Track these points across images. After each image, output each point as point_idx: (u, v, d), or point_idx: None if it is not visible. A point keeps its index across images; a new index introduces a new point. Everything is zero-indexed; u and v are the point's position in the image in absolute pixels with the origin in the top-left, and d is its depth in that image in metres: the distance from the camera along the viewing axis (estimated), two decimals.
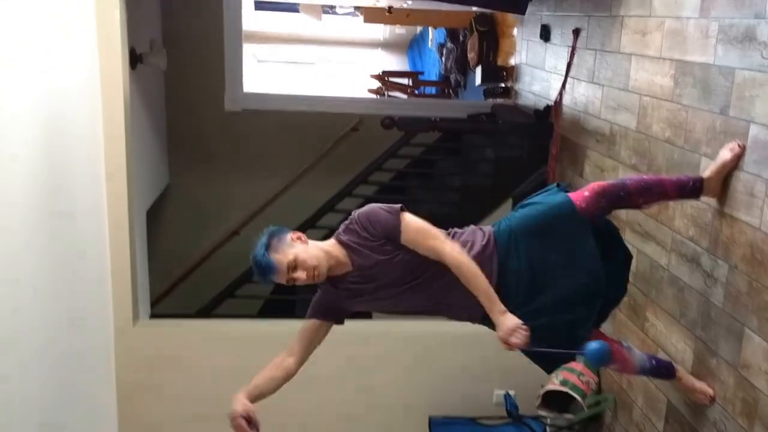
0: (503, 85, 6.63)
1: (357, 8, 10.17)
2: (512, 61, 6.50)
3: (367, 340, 4.41)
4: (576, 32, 4.64)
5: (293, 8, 10.75)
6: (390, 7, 9.05)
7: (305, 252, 2.59)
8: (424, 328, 4.50)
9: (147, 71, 5.34)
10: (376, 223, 2.65)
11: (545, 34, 5.30)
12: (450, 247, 2.64)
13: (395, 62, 12.16)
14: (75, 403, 3.50)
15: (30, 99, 2.88)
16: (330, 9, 11.07)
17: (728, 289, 2.93)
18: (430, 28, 10.58)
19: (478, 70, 7.03)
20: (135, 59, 4.57)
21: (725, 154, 2.89)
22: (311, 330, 2.80)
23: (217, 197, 6.78)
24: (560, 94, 4.89)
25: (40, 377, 3.04)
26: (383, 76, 10.39)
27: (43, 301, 3.04)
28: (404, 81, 10.47)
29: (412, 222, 2.66)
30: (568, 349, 2.81)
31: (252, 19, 11.03)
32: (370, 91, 10.18)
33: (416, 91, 10.20)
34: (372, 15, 9.60)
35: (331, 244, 2.70)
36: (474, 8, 7.39)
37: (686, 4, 3.28)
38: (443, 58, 9.52)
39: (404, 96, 9.86)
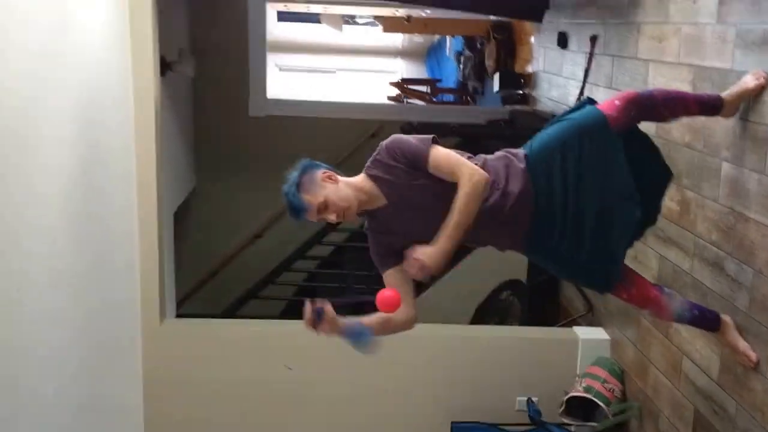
0: (521, 91, 6.69)
1: (376, 18, 10.28)
2: (530, 68, 6.56)
3: (387, 344, 4.46)
4: (593, 39, 4.69)
5: (314, 19, 10.88)
6: (408, 16, 9.16)
7: (335, 193, 2.57)
8: (444, 331, 4.55)
9: (175, 78, 5.47)
10: (406, 150, 2.60)
11: (562, 41, 5.36)
12: (469, 173, 2.53)
13: (414, 70, 12.25)
14: (102, 398, 3.58)
15: (65, 103, 2.98)
16: (350, 19, 11.18)
17: (753, 294, 2.91)
18: (447, 37, 10.67)
19: (496, 77, 7.10)
20: (165, 67, 4.69)
21: (748, 79, 2.90)
22: (392, 279, 2.70)
23: (240, 201, 6.89)
24: (578, 99, 4.92)
25: (70, 371, 3.12)
26: (402, 84, 10.49)
27: (74, 298, 3.13)
28: (422, 88, 10.56)
29: (441, 150, 2.62)
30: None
31: (274, 28, 11.16)
32: (390, 98, 10.27)
33: (434, 99, 10.28)
34: (391, 24, 9.72)
35: (361, 180, 2.66)
36: (491, 16, 7.49)
37: (703, 10, 3.33)
38: (461, 66, 9.60)
39: (423, 103, 9.94)
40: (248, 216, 6.87)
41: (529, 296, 5.39)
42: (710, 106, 2.96)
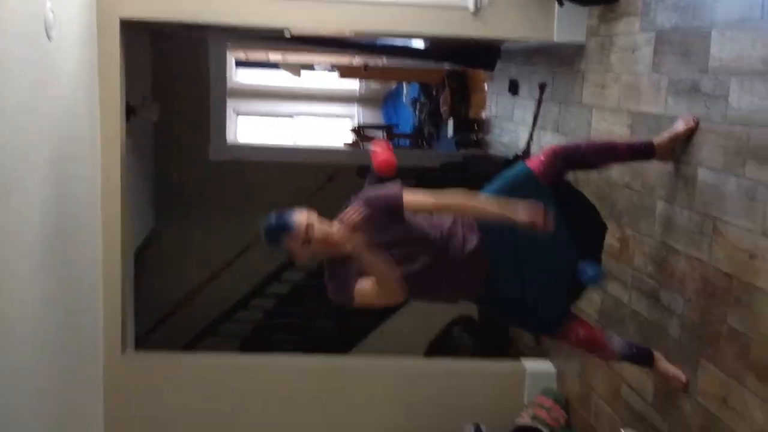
0: (475, 136, 6.92)
1: (334, 65, 10.51)
2: (483, 114, 6.80)
3: (333, 375, 4.59)
4: (542, 86, 4.91)
5: (273, 65, 11.07)
6: (366, 64, 9.41)
7: (318, 222, 2.68)
8: (397, 363, 4.68)
9: (138, 123, 5.59)
10: (380, 200, 2.81)
11: (513, 88, 5.59)
12: (451, 197, 2.86)
13: (371, 116, 12.48)
14: (65, 427, 3.64)
15: (39, 154, 3.09)
16: (308, 66, 11.39)
17: (684, 322, 3.11)
18: (404, 84, 10.94)
19: (450, 123, 7.33)
20: (129, 112, 4.82)
21: (679, 125, 3.13)
22: (365, 282, 2.80)
23: (199, 242, 7.00)
24: (528, 143, 5.10)
25: (33, 398, 3.15)
26: (359, 129, 10.70)
27: (42, 331, 3.21)
28: (379, 133, 10.77)
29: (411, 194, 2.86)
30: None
31: (234, 75, 11.33)
32: (347, 144, 10.46)
33: (391, 143, 10.48)
34: (348, 71, 9.94)
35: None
36: (446, 65, 7.77)
37: (640, 60, 3.58)
38: (417, 112, 9.84)
39: None
40: (206, 257, 6.98)
41: (479, 331, 5.53)
42: (642, 153, 3.21)
